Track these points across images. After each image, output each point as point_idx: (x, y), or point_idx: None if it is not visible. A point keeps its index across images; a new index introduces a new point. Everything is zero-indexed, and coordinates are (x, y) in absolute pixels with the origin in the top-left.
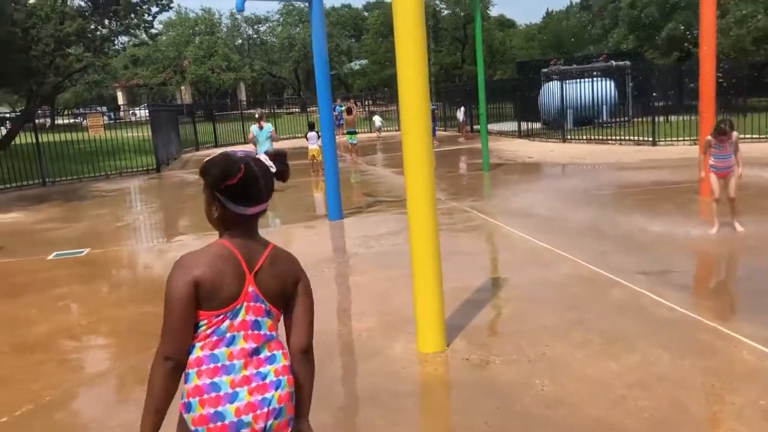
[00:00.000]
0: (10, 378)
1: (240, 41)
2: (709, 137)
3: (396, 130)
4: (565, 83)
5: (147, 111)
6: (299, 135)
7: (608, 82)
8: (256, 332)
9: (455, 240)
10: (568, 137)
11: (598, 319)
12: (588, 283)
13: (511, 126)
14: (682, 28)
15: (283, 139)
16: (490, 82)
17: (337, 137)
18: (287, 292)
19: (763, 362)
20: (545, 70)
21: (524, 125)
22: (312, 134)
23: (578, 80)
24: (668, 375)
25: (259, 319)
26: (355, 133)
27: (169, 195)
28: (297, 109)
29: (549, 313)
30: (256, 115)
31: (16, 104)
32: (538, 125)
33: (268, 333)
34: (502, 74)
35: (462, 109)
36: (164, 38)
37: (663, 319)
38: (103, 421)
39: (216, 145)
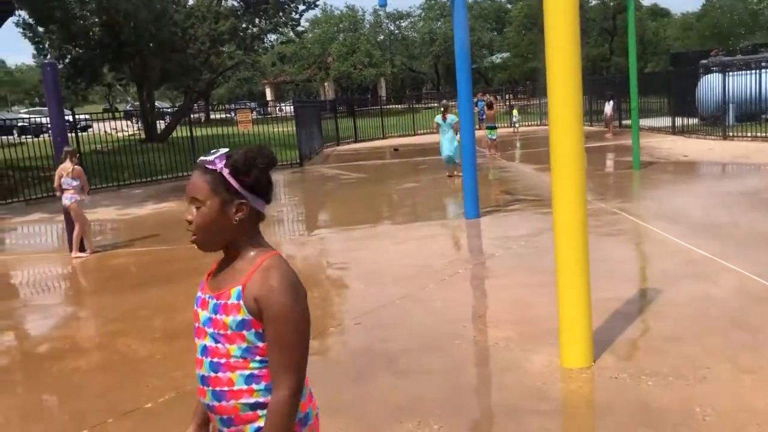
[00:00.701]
0: (159, 364)
1: (382, 37)
2: None
3: (538, 125)
4: (728, 75)
5: (292, 107)
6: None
7: None
8: None
9: (603, 245)
10: (730, 134)
11: None
12: (759, 301)
13: (664, 121)
14: None
15: (421, 134)
16: (641, 74)
17: (477, 132)
18: None
19: None
20: (704, 61)
21: (679, 121)
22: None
23: (743, 72)
24: None
25: None
26: (495, 128)
27: (309, 189)
28: (436, 104)
29: (711, 331)
30: (441, 108)
31: (176, 100)
32: (694, 121)
33: None
34: (654, 67)
35: (610, 102)
36: (310, 36)
37: None
38: None
39: (356, 140)
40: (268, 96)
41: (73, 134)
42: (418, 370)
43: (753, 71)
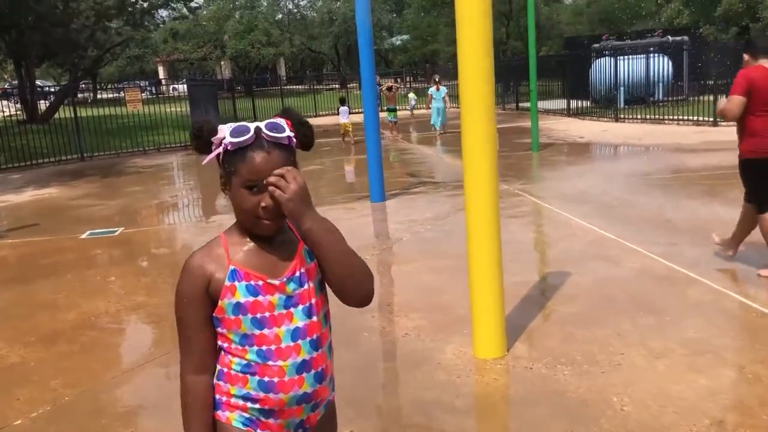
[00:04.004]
0: (33, 372)
1: (280, 16)
2: None
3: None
4: (618, 59)
5: (185, 86)
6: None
7: (664, 59)
8: None
9: (508, 227)
10: (621, 116)
11: (679, 324)
12: (663, 281)
13: (559, 104)
14: (740, 1)
15: (322, 115)
16: (538, 58)
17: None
18: None
19: None
20: (596, 45)
21: (573, 103)
22: (343, 108)
23: (632, 56)
24: None
25: None
26: (395, 110)
27: (205, 172)
28: (337, 85)
29: (621, 315)
30: (435, 79)
31: (60, 78)
32: (587, 103)
33: None
34: (548, 50)
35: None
36: (204, 12)
37: (755, 327)
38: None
39: (255, 121)
40: (161, 75)
41: None
42: None
43: (641, 56)
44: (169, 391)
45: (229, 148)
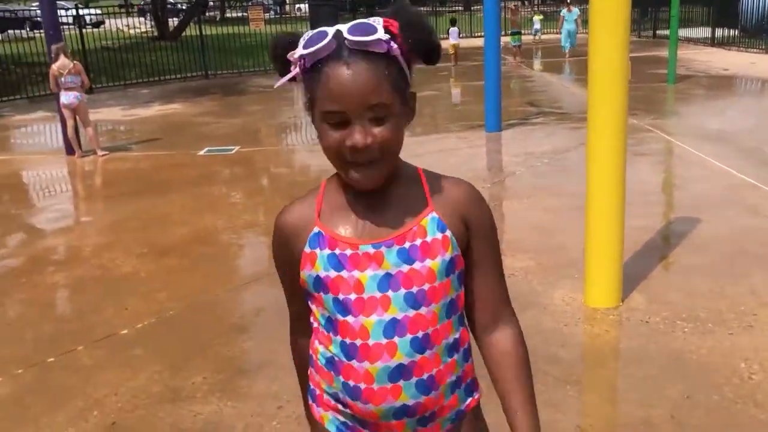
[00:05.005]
0: (142, 283)
1: None
2: None
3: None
4: None
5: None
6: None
7: None
8: None
9: (636, 167)
10: None
11: None
12: None
13: (702, 32)
14: None
15: (443, 39)
16: None
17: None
18: None
19: None
20: None
21: (718, 32)
22: (453, 29)
23: None
24: None
25: None
26: (519, 33)
27: None
28: (460, 8)
29: (758, 271)
30: (568, 0)
31: None
32: (735, 32)
33: None
34: None
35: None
36: None
37: None
38: (227, 344)
39: None
40: None
41: (77, 30)
42: None
43: None
44: (268, 314)
45: (306, 65)
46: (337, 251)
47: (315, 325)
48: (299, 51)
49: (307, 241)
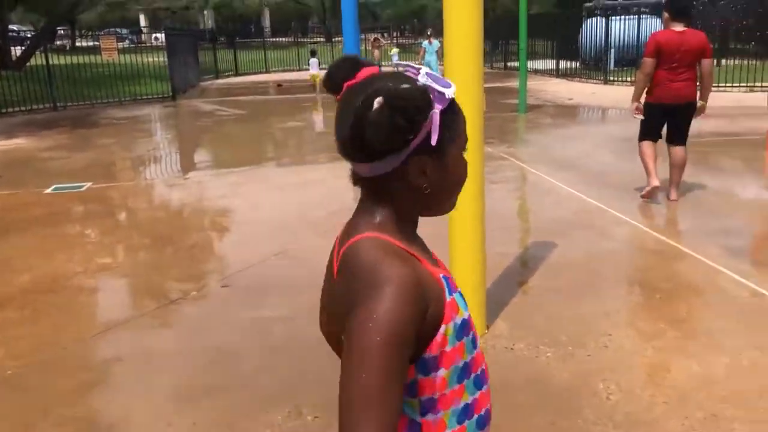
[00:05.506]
0: None
1: None
2: None
3: (419, 63)
4: (610, 20)
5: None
6: (323, 66)
7: (657, 21)
8: None
9: (492, 194)
10: (611, 78)
11: (670, 303)
12: (653, 255)
13: (547, 64)
14: None
15: (306, 69)
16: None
17: None
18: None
19: None
20: (588, 4)
21: (562, 64)
22: (313, 60)
23: (623, 17)
24: None
25: None
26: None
27: (183, 125)
28: (322, 39)
29: (609, 292)
30: (428, 32)
31: (39, 23)
32: (576, 64)
33: None
34: (539, 9)
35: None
36: None
37: (751, 307)
38: (70, 405)
39: (236, 74)
40: (142, 23)
41: None
42: (297, 345)
43: (633, 17)
44: (125, 365)
45: (443, 106)
46: (459, 289)
47: (435, 395)
48: (448, 92)
49: (445, 289)
